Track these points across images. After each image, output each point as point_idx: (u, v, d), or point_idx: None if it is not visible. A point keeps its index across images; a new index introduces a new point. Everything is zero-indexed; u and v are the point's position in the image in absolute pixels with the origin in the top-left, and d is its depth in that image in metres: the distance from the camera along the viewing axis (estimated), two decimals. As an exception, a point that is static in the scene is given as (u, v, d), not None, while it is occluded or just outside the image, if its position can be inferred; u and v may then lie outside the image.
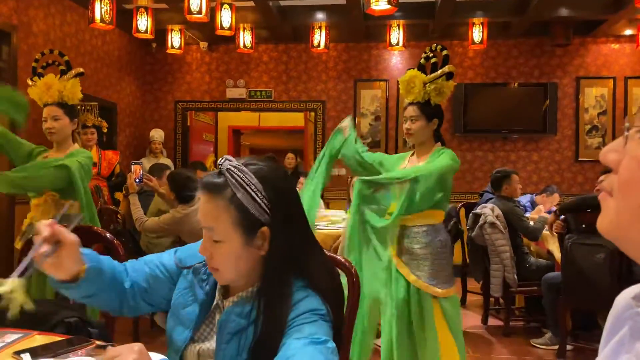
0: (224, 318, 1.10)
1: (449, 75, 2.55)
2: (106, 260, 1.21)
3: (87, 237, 2.03)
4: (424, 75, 2.57)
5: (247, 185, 1.04)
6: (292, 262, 1.08)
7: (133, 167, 4.29)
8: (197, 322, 1.16)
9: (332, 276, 1.15)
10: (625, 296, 0.66)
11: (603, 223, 0.59)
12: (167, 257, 1.25)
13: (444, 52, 2.61)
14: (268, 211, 1.06)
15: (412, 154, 2.68)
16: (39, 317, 1.72)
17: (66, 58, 2.88)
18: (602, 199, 0.60)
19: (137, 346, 0.87)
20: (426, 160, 2.54)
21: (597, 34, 6.39)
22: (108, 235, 1.99)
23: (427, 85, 2.54)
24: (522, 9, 5.71)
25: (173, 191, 3.69)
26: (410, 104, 2.59)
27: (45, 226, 1.04)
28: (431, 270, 2.46)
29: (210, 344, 1.13)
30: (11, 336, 1.35)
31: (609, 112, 6.51)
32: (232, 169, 1.05)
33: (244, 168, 1.06)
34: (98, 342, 1.29)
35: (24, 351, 1.20)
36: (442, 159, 2.44)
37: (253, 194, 1.04)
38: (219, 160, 1.09)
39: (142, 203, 4.39)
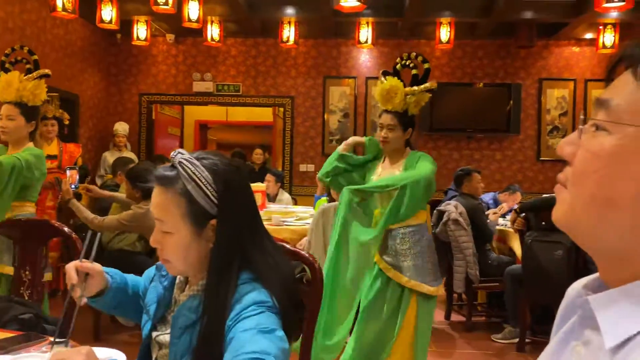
0: (177, 313, 1.13)
1: (430, 91, 2.59)
2: (129, 278, 1.33)
3: (45, 231, 1.98)
4: (402, 83, 2.59)
5: (198, 178, 1.06)
6: (237, 254, 1.10)
7: (69, 172, 4.07)
8: (155, 315, 1.18)
9: (283, 269, 1.15)
10: (576, 286, 0.68)
11: (557, 213, 0.61)
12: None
13: (426, 66, 2.64)
14: (216, 203, 1.08)
15: (383, 160, 2.70)
16: (-8, 313, 1.67)
17: (35, 57, 2.78)
18: (558, 190, 0.61)
19: (85, 349, 0.88)
20: (402, 165, 2.57)
21: (559, 37, 6.56)
22: (66, 229, 1.94)
23: (408, 97, 2.56)
24: (488, 10, 5.82)
25: (136, 187, 3.59)
26: (387, 112, 2.60)
27: (72, 270, 1.14)
28: (421, 269, 2.50)
29: (164, 335, 1.16)
30: (-40, 333, 1.30)
31: (570, 113, 6.70)
32: (184, 161, 1.07)
33: (195, 161, 1.08)
34: (52, 339, 1.25)
35: (-28, 348, 1.15)
36: (424, 165, 2.47)
37: (202, 186, 1.06)
38: (171, 153, 1.10)
39: (99, 206, 4.27)
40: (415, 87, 2.58)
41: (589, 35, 6.48)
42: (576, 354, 0.59)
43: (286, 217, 4.26)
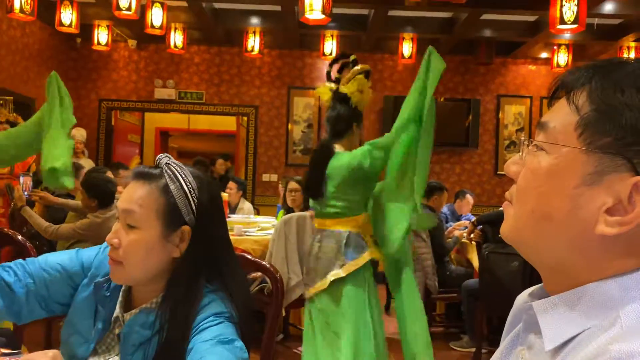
0: (127, 330, 1.05)
1: (367, 74, 2.48)
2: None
3: (-5, 239, 1.90)
4: (332, 84, 2.52)
5: (183, 180, 1.03)
6: (205, 267, 1.06)
7: (22, 179, 3.93)
8: (100, 336, 1.09)
9: (244, 283, 1.14)
10: (523, 295, 0.72)
11: (504, 228, 0.65)
12: (68, 259, 1.15)
13: (352, 57, 2.52)
14: (194, 212, 1.04)
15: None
16: (-63, 325, 1.59)
17: None
18: (505, 207, 0.66)
19: (52, 352, 0.84)
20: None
21: (517, 55, 6.80)
22: (20, 237, 1.87)
23: (350, 82, 2.45)
24: (449, 27, 5.98)
25: (92, 196, 3.47)
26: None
27: None
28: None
29: (112, 357, 1.08)
30: None
31: (526, 129, 6.94)
32: (171, 164, 1.05)
33: (182, 166, 1.06)
34: (4, 350, 1.21)
35: None
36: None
37: (187, 189, 1.03)
38: (157, 156, 1.07)
39: (52, 216, 4.13)
40: (351, 71, 2.46)
41: (544, 55, 6.74)
42: (521, 358, 0.62)
43: (248, 227, 4.23)
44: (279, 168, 6.90)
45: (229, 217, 4.77)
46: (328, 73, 2.59)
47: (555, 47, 6.19)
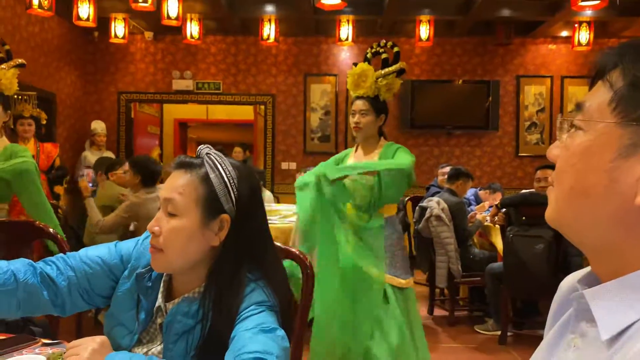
0: (169, 319, 1.06)
1: (400, 72, 2.57)
2: (22, 266, 1.10)
3: (29, 232, 1.95)
4: (371, 68, 2.58)
5: (223, 169, 1.05)
6: (247, 255, 1.08)
7: (86, 171, 4.19)
8: (143, 327, 1.12)
9: (282, 271, 1.15)
10: (569, 280, 0.71)
11: (547, 212, 0.65)
12: (107, 252, 1.17)
13: (395, 49, 2.62)
14: (234, 200, 1.05)
15: (356, 150, 2.68)
16: (-24, 317, 1.64)
17: (7, 47, 2.73)
18: (548, 191, 0.66)
19: (100, 338, 0.88)
20: (377, 156, 2.55)
21: (536, 35, 6.67)
22: (51, 230, 1.91)
23: (379, 80, 2.55)
24: (466, 9, 5.88)
25: (136, 172, 3.62)
26: (359, 97, 2.58)
27: None
28: (393, 261, 2.49)
29: (155, 347, 1.10)
30: (-52, 337, 1.28)
31: (547, 110, 6.83)
32: (212, 154, 1.07)
33: (223, 156, 1.08)
34: (45, 341, 1.24)
35: (-36, 352, 1.13)
36: (403, 156, 2.43)
37: (226, 179, 1.05)
38: (198, 148, 1.10)
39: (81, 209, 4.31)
40: (385, 70, 2.56)
41: (564, 33, 6.60)
42: (573, 347, 0.61)
43: (270, 215, 4.25)
44: (298, 156, 6.91)
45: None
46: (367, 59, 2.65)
47: (576, 25, 6.05)
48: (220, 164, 1.06)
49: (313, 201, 2.41)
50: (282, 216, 4.33)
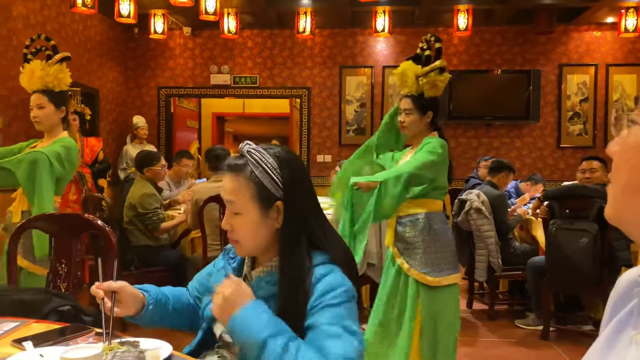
0: (255, 284, 1.21)
1: (442, 70, 2.54)
2: (169, 291, 1.38)
3: (79, 224, 2.02)
4: (417, 67, 2.55)
5: (264, 163, 1.17)
6: (304, 233, 1.18)
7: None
8: None
9: (345, 249, 1.24)
10: (630, 275, 0.69)
11: (606, 210, 0.63)
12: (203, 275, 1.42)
13: (437, 45, 2.58)
14: (281, 187, 1.17)
15: (412, 148, 2.68)
16: (32, 305, 1.71)
17: (52, 43, 2.78)
18: (607, 189, 0.64)
19: (236, 280, 1.11)
20: (413, 154, 2.54)
21: (579, 22, 6.46)
22: (99, 222, 1.97)
23: (420, 78, 2.53)
24: (506, -4, 5.75)
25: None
26: (405, 96, 2.57)
27: (96, 291, 1.20)
28: (424, 258, 2.46)
29: None
30: (8, 324, 1.34)
31: (591, 99, 6.61)
32: (252, 150, 1.19)
33: (261, 150, 1.20)
34: (98, 330, 1.29)
35: (24, 339, 1.19)
36: (422, 154, 2.42)
37: (269, 171, 1.17)
38: (240, 145, 1.21)
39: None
40: (425, 68, 2.53)
41: (610, 19, 6.36)
42: (635, 343, 0.60)
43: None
44: (333, 148, 6.91)
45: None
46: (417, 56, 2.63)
47: (622, 11, 5.82)
48: (261, 159, 1.18)
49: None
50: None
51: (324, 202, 4.87)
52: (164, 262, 3.88)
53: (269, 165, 1.17)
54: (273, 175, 1.17)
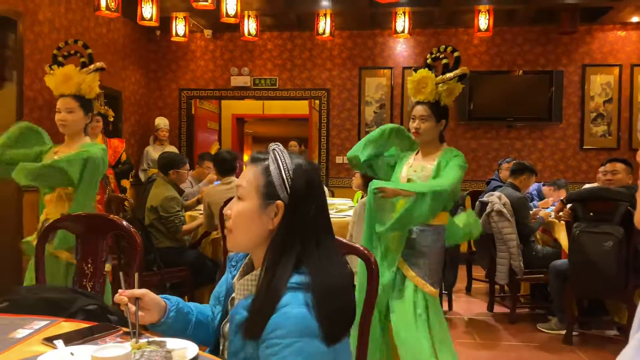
0: (234, 310, 1.17)
1: (462, 77, 2.55)
2: (194, 305, 1.38)
3: (105, 225, 2.06)
4: (433, 75, 2.57)
5: (281, 161, 1.18)
6: (296, 249, 1.14)
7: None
8: (224, 305, 1.28)
9: (337, 273, 1.15)
10: None
11: (636, 217, 0.62)
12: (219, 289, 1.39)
13: (456, 54, 2.60)
14: (288, 190, 1.16)
15: (417, 152, 2.68)
16: (59, 304, 1.75)
17: (89, 51, 2.79)
18: (638, 195, 0.62)
19: None
20: (436, 161, 2.55)
21: (603, 21, 6.36)
22: (124, 223, 2.01)
23: (439, 85, 2.54)
24: (528, -4, 5.69)
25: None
26: (420, 103, 2.58)
27: (120, 297, 1.22)
28: (428, 269, 2.50)
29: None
30: (38, 323, 1.38)
31: (615, 100, 6.50)
32: (276, 149, 1.21)
33: (286, 153, 1.21)
34: (125, 329, 1.31)
35: (55, 338, 1.22)
36: (453, 171, 2.43)
37: (282, 169, 1.17)
38: (269, 145, 1.24)
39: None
40: (445, 75, 2.55)
41: (635, 19, 6.26)
42: None
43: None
44: (353, 150, 6.90)
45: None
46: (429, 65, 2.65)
47: (648, 10, 5.72)
48: (280, 157, 1.19)
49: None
50: (338, 210, 4.36)
51: (343, 203, 4.86)
52: (186, 262, 3.93)
53: (285, 165, 1.18)
54: (284, 176, 1.17)
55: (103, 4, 4.82)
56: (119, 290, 1.22)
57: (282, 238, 1.15)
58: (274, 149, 1.21)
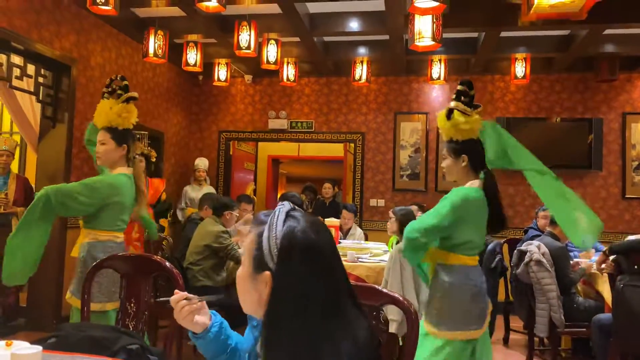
0: None
1: (450, 112, 2.46)
2: (235, 333, 1.38)
3: (149, 266, 2.12)
4: (444, 113, 2.54)
5: (273, 227, 1.04)
6: (291, 323, 0.98)
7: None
8: None
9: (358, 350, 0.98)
10: None
11: None
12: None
13: (472, 92, 2.53)
14: (275, 259, 1.02)
15: None
16: (102, 342, 1.80)
17: (125, 82, 2.84)
18: None
19: None
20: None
21: (644, 70, 6.30)
22: (167, 264, 2.07)
23: (445, 123, 2.51)
24: (565, 45, 5.70)
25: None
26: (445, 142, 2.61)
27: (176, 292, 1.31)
28: (428, 306, 2.42)
29: None
30: (85, 361, 1.42)
31: (657, 148, 6.35)
32: (278, 212, 1.07)
33: (283, 214, 1.06)
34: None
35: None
36: (439, 204, 2.36)
37: (270, 236, 1.04)
38: (280, 201, 1.19)
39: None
40: (441, 112, 2.51)
41: (677, 67, 6.18)
42: None
43: (361, 253, 4.28)
44: (386, 193, 6.91)
45: (340, 242, 4.85)
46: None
47: (690, 59, 5.65)
48: (273, 222, 1.05)
49: None
50: (372, 254, 4.34)
51: (378, 247, 4.83)
52: (221, 301, 3.95)
53: (275, 233, 1.03)
54: (271, 244, 1.03)
55: (151, 50, 5.08)
56: (175, 291, 1.30)
57: (273, 318, 0.99)
58: (274, 211, 1.08)
